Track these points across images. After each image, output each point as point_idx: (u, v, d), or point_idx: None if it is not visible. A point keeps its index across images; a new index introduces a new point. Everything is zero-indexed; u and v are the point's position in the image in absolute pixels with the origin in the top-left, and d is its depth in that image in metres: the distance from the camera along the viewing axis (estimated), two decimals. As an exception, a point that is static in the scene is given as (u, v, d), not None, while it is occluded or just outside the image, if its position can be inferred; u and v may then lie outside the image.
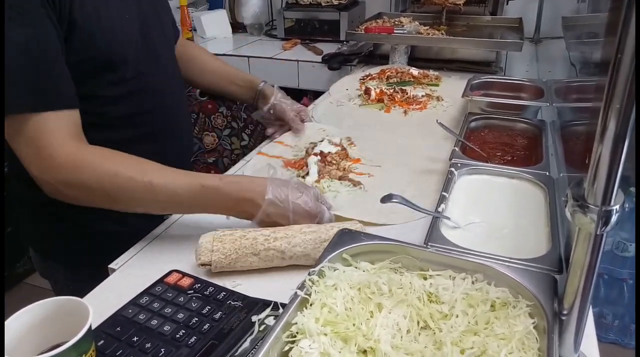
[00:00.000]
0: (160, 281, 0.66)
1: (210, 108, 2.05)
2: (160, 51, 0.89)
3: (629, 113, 0.41)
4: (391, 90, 1.30)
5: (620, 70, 0.40)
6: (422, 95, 1.28)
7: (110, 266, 0.73)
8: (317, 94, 1.68)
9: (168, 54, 0.94)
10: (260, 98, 1.12)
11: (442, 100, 1.28)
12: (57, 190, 0.70)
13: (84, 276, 0.78)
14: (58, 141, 0.68)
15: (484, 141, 1.01)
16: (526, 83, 1.20)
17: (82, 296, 0.61)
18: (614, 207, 0.44)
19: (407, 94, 1.29)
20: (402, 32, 1.55)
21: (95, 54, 0.75)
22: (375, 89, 1.30)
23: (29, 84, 0.66)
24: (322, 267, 0.58)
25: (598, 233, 0.45)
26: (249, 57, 1.90)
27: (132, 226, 0.81)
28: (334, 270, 0.59)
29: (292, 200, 0.72)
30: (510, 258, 0.61)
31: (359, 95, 1.32)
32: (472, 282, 0.58)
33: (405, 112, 1.22)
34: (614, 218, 0.45)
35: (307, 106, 1.35)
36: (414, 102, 1.25)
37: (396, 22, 1.67)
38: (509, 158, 0.95)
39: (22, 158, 0.69)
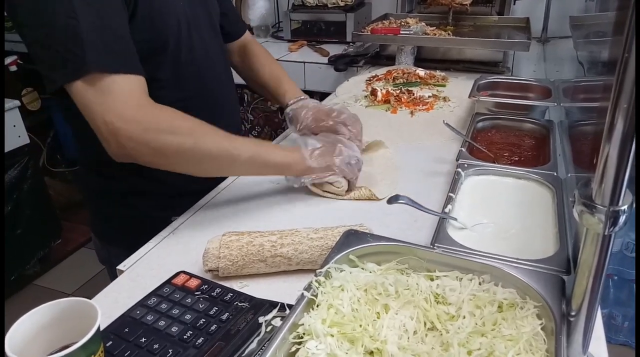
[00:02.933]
0: (168, 282, 0.66)
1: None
2: (209, 41, 0.93)
3: (636, 111, 0.41)
4: (398, 91, 1.30)
5: (628, 69, 0.39)
6: (429, 96, 1.28)
7: (119, 267, 0.73)
8: (323, 96, 1.68)
9: (217, 44, 0.98)
10: (288, 116, 1.04)
11: (449, 100, 1.27)
12: (143, 140, 0.71)
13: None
14: (144, 96, 0.74)
15: (491, 142, 1.01)
16: (533, 83, 1.19)
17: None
18: (622, 208, 0.44)
19: (413, 94, 1.28)
20: (408, 32, 1.55)
21: (154, 34, 0.80)
22: (381, 89, 1.30)
23: (107, 46, 0.70)
24: (329, 268, 0.58)
25: (606, 234, 0.45)
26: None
27: (179, 209, 0.87)
28: (341, 271, 0.59)
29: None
30: (518, 259, 0.61)
31: (365, 96, 1.32)
32: (479, 283, 0.58)
33: (411, 113, 1.21)
34: (622, 219, 0.45)
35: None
36: (420, 103, 1.25)
37: (402, 23, 1.67)
38: (517, 158, 0.94)
39: (99, 114, 0.70)
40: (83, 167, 0.95)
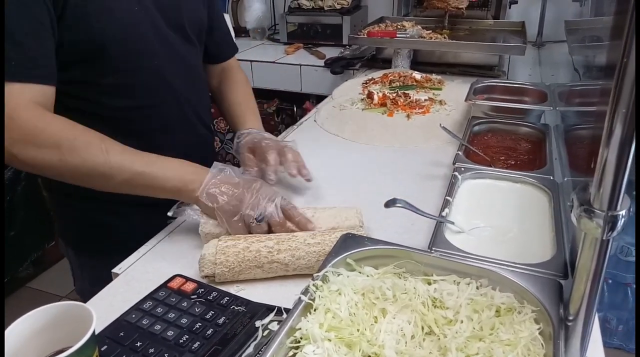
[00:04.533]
0: (164, 285, 0.65)
1: (213, 112, 2.05)
2: (176, 51, 0.87)
3: (635, 116, 0.41)
4: (394, 94, 1.30)
5: (627, 74, 0.39)
6: (425, 99, 1.28)
7: (114, 270, 0.72)
8: (319, 98, 1.68)
9: (189, 55, 0.92)
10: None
11: (445, 104, 1.28)
12: (9, 151, 0.67)
13: (99, 265, 0.77)
14: (22, 106, 0.67)
15: (487, 145, 1.01)
16: (529, 87, 1.20)
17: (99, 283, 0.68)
18: (621, 212, 0.44)
19: (409, 98, 1.29)
20: (404, 36, 1.55)
21: (86, 38, 0.74)
22: (378, 93, 1.30)
23: (6, 54, 0.67)
24: (326, 272, 0.58)
25: (604, 238, 0.45)
26: (251, 61, 1.91)
27: (126, 218, 0.87)
28: (338, 275, 0.59)
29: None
30: (515, 263, 0.61)
31: (362, 99, 1.32)
32: (477, 288, 0.58)
33: (408, 116, 1.21)
34: (620, 223, 0.45)
35: (309, 110, 1.35)
36: (416, 106, 1.25)
37: (399, 26, 1.67)
38: (513, 162, 0.94)
39: None
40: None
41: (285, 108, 2.05)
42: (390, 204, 0.70)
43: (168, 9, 0.85)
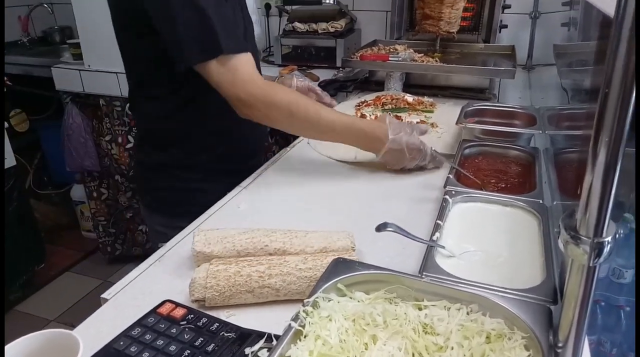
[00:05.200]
0: (153, 311, 0.65)
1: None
2: (254, 48, 1.13)
3: (618, 145, 0.42)
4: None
5: (608, 104, 0.40)
6: (417, 122, 1.30)
7: (103, 295, 0.72)
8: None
9: (256, 50, 1.17)
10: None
11: (437, 126, 1.29)
12: (255, 107, 0.94)
13: (177, 225, 0.91)
14: (254, 72, 0.96)
15: (478, 168, 1.02)
16: (519, 110, 1.22)
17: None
18: (606, 239, 0.44)
19: (402, 120, 1.30)
20: (397, 59, 1.58)
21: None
22: (370, 115, 1.31)
23: (229, 33, 0.92)
24: (317, 297, 0.58)
25: (591, 265, 0.45)
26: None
27: (214, 182, 1.06)
28: (329, 300, 0.59)
29: (405, 140, 1.01)
30: (505, 288, 0.61)
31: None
32: (468, 313, 0.57)
33: None
34: (606, 250, 0.45)
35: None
36: None
37: (391, 50, 1.70)
38: (503, 185, 0.95)
39: (228, 85, 0.93)
40: (142, 145, 1.15)
41: (278, 129, 2.06)
42: (381, 228, 0.70)
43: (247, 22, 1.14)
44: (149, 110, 1.06)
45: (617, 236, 0.77)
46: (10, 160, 2.09)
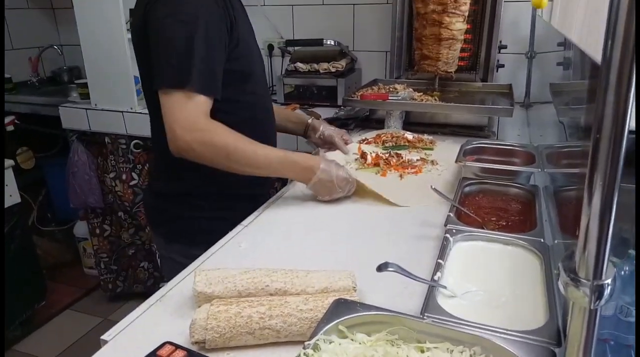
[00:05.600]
0: (153, 353, 0.64)
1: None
2: (262, 73, 1.21)
3: (612, 188, 0.42)
4: (387, 155, 1.33)
5: (600, 148, 0.41)
6: (417, 159, 1.31)
7: (103, 337, 0.71)
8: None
9: (264, 75, 1.24)
10: (310, 130, 1.43)
11: (437, 164, 1.31)
12: (190, 147, 0.97)
13: (196, 254, 0.94)
14: (203, 114, 0.98)
15: (478, 206, 1.02)
16: (518, 148, 1.23)
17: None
18: (606, 282, 0.44)
19: (402, 158, 1.32)
20: (396, 98, 1.61)
21: (240, 68, 1.08)
22: (371, 153, 1.33)
23: (207, 74, 0.98)
24: (317, 340, 0.57)
25: (592, 308, 0.45)
26: (249, 121, 1.96)
27: (229, 210, 1.12)
28: (330, 343, 0.58)
29: (335, 171, 1.09)
30: (508, 330, 0.61)
31: (356, 160, 1.35)
32: (471, 356, 0.57)
33: (400, 176, 1.24)
34: (607, 292, 0.45)
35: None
36: (409, 166, 1.28)
37: (391, 89, 1.73)
38: (504, 223, 0.95)
39: (173, 120, 0.96)
40: (159, 176, 1.23)
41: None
42: (382, 268, 0.70)
43: (259, 51, 1.22)
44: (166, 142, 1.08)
45: (622, 273, 0.76)
46: (14, 198, 2.11)
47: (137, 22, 1.05)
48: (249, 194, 1.18)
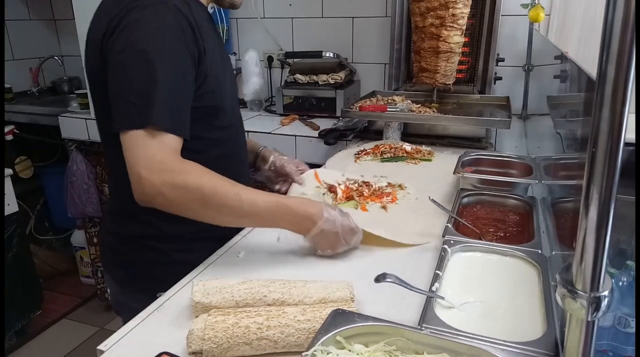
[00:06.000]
0: (150, 364, 0.64)
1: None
2: (237, 105, 1.12)
3: (608, 201, 0.43)
4: (355, 185, 1.20)
5: (596, 162, 0.42)
6: (386, 186, 1.21)
7: (99, 347, 0.71)
8: (313, 168, 1.72)
9: (237, 106, 1.14)
10: (260, 160, 1.28)
11: (405, 187, 1.21)
12: (158, 191, 0.82)
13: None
14: (172, 154, 0.84)
15: (476, 217, 1.03)
16: (515, 160, 1.24)
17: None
18: (603, 293, 0.45)
19: (371, 186, 1.20)
20: (395, 109, 1.62)
21: (210, 104, 0.96)
22: (339, 185, 1.18)
23: (172, 110, 0.85)
24: (315, 351, 0.57)
25: (589, 320, 0.45)
26: (248, 131, 1.97)
27: (200, 252, 0.95)
28: (327, 353, 0.58)
29: (340, 220, 0.91)
30: (506, 341, 0.61)
31: (324, 194, 1.18)
32: (468, 368, 0.57)
33: (384, 207, 1.12)
34: (604, 304, 0.45)
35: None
36: (383, 195, 1.17)
37: (389, 100, 1.75)
38: (502, 234, 0.96)
39: (139, 158, 0.82)
40: (115, 215, 1.05)
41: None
42: (380, 278, 0.70)
43: (234, 81, 1.12)
44: (124, 182, 0.87)
45: (620, 284, 0.77)
46: (12, 207, 2.10)
47: (92, 59, 0.93)
48: (220, 235, 0.99)
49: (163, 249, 1.00)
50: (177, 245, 1.00)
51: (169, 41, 0.85)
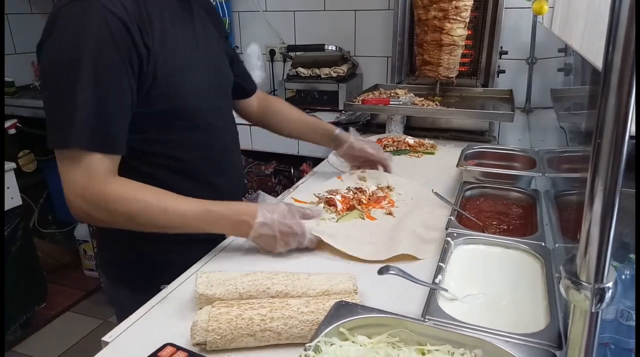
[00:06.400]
0: (154, 355, 0.64)
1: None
2: (221, 101, 1.05)
3: (613, 192, 0.43)
4: (352, 195, 1.13)
5: (601, 153, 0.42)
6: (376, 188, 1.17)
7: (104, 338, 0.71)
8: (316, 161, 1.72)
9: (226, 102, 1.09)
10: (337, 142, 1.25)
11: (393, 188, 1.18)
12: (85, 213, 0.82)
13: (144, 299, 0.82)
14: (99, 176, 0.81)
15: (479, 210, 1.02)
16: (518, 153, 1.24)
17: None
18: (607, 285, 0.45)
19: (366, 191, 1.15)
20: (397, 103, 1.62)
21: (169, 107, 0.90)
22: (335, 196, 1.11)
23: (96, 127, 0.80)
24: (318, 342, 0.57)
25: (593, 311, 0.45)
26: (250, 124, 1.96)
27: (180, 255, 0.93)
28: (331, 345, 0.58)
29: (277, 224, 0.87)
30: (509, 333, 0.61)
31: (324, 207, 1.08)
32: (471, 359, 0.57)
33: (390, 213, 1.07)
34: (608, 295, 0.45)
35: (306, 172, 1.36)
36: (379, 199, 1.13)
37: (392, 94, 1.74)
38: (505, 227, 0.96)
39: (65, 182, 0.81)
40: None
41: (282, 170, 2.09)
42: (383, 271, 0.71)
43: (216, 76, 1.03)
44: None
45: (623, 277, 0.77)
46: (16, 200, 2.11)
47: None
48: (207, 237, 0.92)
49: (144, 249, 0.98)
50: (158, 246, 0.96)
51: (91, 51, 0.78)
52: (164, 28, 0.87)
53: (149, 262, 0.99)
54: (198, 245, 0.94)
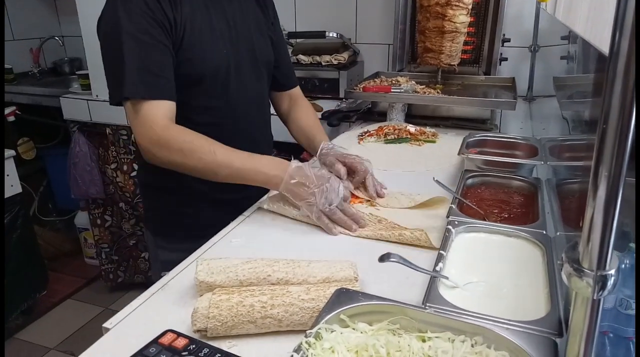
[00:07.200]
0: (155, 341, 0.64)
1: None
2: (247, 82, 1.14)
3: (617, 179, 0.42)
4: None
5: (606, 139, 0.41)
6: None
7: (105, 325, 0.71)
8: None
9: (257, 86, 1.18)
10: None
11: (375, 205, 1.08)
12: (150, 151, 0.97)
13: (179, 251, 0.92)
14: (157, 119, 0.96)
15: (480, 198, 1.02)
16: (520, 141, 1.23)
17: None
18: (610, 272, 0.44)
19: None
20: (399, 90, 1.61)
21: (192, 72, 1.03)
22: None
23: (144, 79, 0.95)
24: (319, 329, 0.57)
25: (595, 298, 0.45)
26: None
27: (208, 213, 1.12)
28: (331, 332, 0.59)
29: (313, 176, 0.96)
30: (510, 320, 0.61)
31: None
32: (472, 345, 0.57)
33: (372, 204, 1.06)
34: (610, 282, 0.45)
35: (307, 160, 1.36)
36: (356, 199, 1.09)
37: (393, 82, 1.73)
38: (506, 215, 0.95)
39: (133, 130, 0.99)
40: (141, 166, 1.25)
41: (283, 158, 2.08)
42: (384, 258, 0.70)
43: (247, 50, 1.13)
44: None
45: (623, 266, 0.77)
46: (16, 188, 2.11)
47: None
48: (229, 198, 1.09)
49: (181, 201, 1.13)
50: (177, 199, 1.14)
51: (132, 18, 0.95)
52: (194, 2, 1.02)
53: (184, 216, 1.15)
54: (222, 207, 1.08)
